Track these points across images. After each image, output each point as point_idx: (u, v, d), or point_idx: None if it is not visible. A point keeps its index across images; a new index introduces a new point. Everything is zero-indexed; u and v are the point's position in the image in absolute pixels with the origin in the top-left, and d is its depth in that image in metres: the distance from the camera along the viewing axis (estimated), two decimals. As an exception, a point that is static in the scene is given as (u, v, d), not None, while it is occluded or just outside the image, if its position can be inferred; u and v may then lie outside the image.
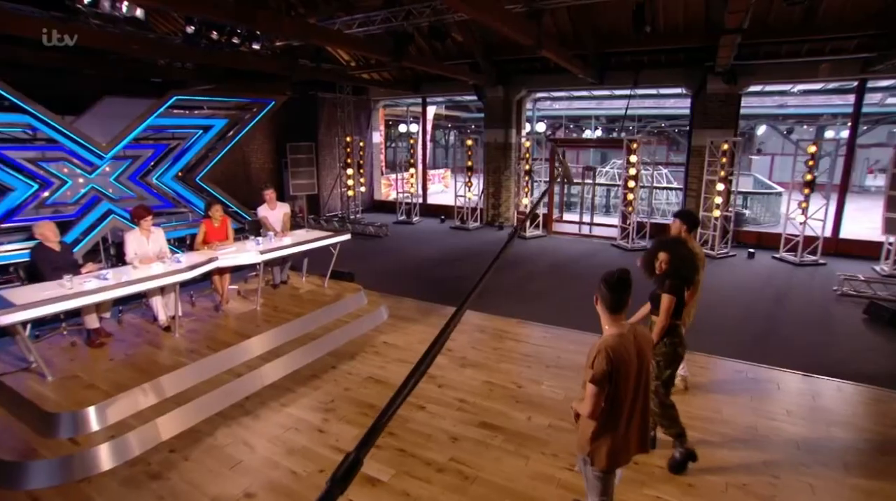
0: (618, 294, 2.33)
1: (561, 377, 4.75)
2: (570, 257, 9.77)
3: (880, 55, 8.20)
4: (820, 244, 9.05)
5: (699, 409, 4.14)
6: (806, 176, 8.92)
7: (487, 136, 12.75)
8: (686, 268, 3.30)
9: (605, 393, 2.24)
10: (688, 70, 10.02)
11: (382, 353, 5.27)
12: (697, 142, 10.29)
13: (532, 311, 6.49)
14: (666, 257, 3.32)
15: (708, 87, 9.72)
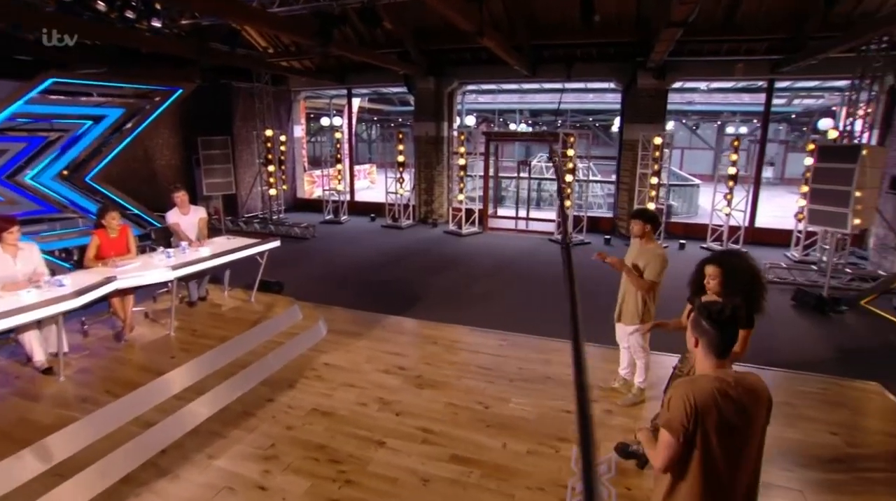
0: (730, 334, 1.85)
1: (528, 392, 4.38)
2: (510, 254, 9.52)
3: (787, 58, 8.67)
4: (742, 233, 9.49)
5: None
6: (729, 169, 9.27)
7: (418, 130, 12.19)
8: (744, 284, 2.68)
9: (681, 447, 1.79)
10: (619, 65, 10.09)
11: (326, 377, 4.60)
12: (629, 136, 10.44)
13: (482, 317, 6.11)
14: (717, 272, 2.76)
15: (638, 82, 9.85)
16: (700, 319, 1.86)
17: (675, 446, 1.78)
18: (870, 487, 3.24)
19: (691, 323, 1.91)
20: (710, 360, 1.85)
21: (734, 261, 2.79)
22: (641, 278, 3.85)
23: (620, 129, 10.95)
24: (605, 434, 3.76)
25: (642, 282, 3.84)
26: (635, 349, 4.07)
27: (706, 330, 1.84)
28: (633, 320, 4.00)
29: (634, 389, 4.20)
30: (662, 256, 3.87)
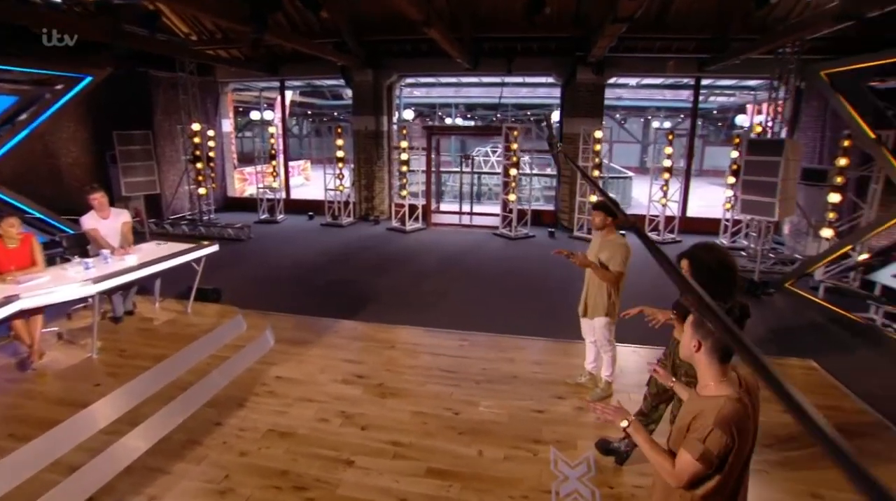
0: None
1: (496, 393, 4.24)
2: (456, 250, 9.40)
3: (713, 57, 9.15)
4: (676, 223, 9.96)
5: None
6: (664, 161, 9.66)
7: (357, 124, 11.74)
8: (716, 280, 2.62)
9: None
10: (559, 59, 10.20)
11: (279, 393, 4.22)
12: (569, 130, 10.60)
13: (437, 316, 5.93)
14: (687, 265, 2.73)
15: (577, 77, 10.01)
16: (704, 320, 1.75)
17: (699, 474, 1.68)
18: (822, 462, 3.37)
19: (693, 325, 1.80)
20: (715, 365, 1.75)
21: (701, 254, 2.78)
22: (608, 271, 3.80)
23: (560, 124, 11.11)
24: (580, 433, 3.71)
25: (609, 275, 3.81)
26: (602, 342, 4.04)
27: (712, 332, 1.72)
28: (600, 313, 3.96)
29: (602, 383, 4.19)
30: (625, 246, 3.86)
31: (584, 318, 4.14)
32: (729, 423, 1.65)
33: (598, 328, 4.02)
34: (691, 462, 1.67)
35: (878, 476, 0.52)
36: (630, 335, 4.48)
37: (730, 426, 1.65)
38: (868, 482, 0.50)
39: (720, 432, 1.64)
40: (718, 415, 1.65)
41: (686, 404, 1.84)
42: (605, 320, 3.96)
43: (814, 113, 8.62)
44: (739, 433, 1.66)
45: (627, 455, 3.31)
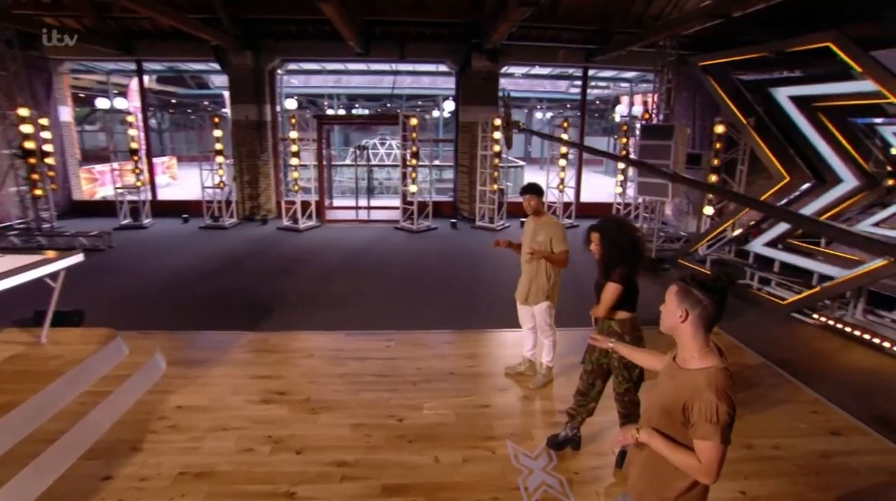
0: (724, 305, 1.74)
1: (436, 393, 4.06)
2: (358, 247, 9.04)
3: (599, 48, 9.83)
4: (574, 208, 10.58)
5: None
6: (561, 148, 10.17)
7: (236, 113, 10.72)
8: (624, 251, 2.93)
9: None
10: (453, 45, 10.21)
11: (183, 425, 3.60)
12: (465, 119, 10.71)
13: (352, 318, 5.60)
14: (597, 238, 2.98)
15: (472, 65, 10.11)
16: (692, 290, 1.74)
17: (726, 451, 1.67)
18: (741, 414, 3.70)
19: (678, 295, 1.78)
20: (701, 334, 1.75)
21: (608, 227, 2.99)
22: (554, 253, 3.82)
23: (456, 112, 11.18)
24: (532, 422, 3.69)
25: (559, 256, 3.83)
26: (543, 327, 4.05)
27: (700, 301, 1.72)
28: (541, 298, 3.95)
29: (543, 368, 4.20)
30: (560, 224, 3.92)
31: (524, 305, 4.11)
32: (727, 393, 1.66)
33: (538, 313, 4.01)
34: (717, 448, 1.64)
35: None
36: (567, 319, 4.56)
37: (729, 395, 1.66)
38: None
39: (724, 405, 1.64)
40: (717, 389, 1.65)
41: (668, 380, 1.82)
42: (546, 304, 3.97)
43: (684, 103, 9.68)
44: (735, 396, 1.68)
45: (579, 438, 3.34)
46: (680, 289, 1.76)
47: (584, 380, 3.21)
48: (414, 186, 10.08)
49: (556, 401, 3.92)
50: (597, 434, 3.46)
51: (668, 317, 1.78)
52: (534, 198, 3.88)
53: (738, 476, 3.10)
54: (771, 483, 3.06)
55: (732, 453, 3.16)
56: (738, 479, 3.08)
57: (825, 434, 3.57)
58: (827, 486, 3.05)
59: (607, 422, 3.49)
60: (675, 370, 1.80)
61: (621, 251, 2.91)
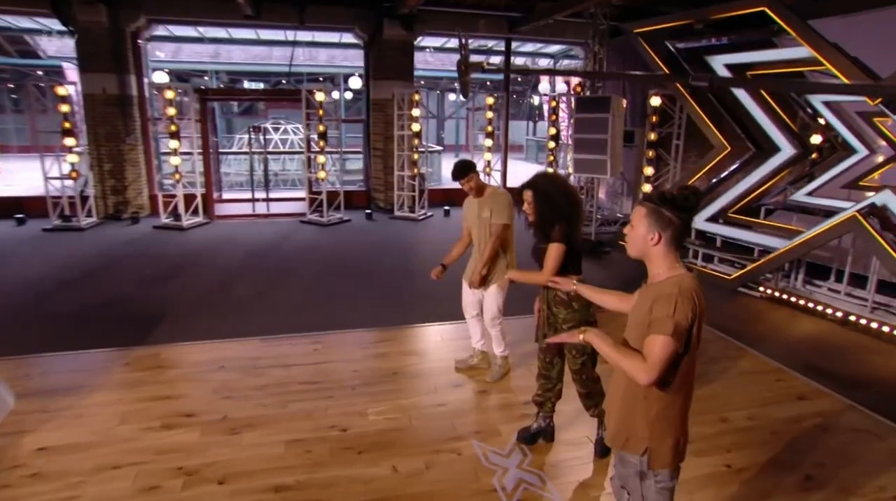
0: (690, 223, 1.85)
1: (382, 396, 3.93)
2: (261, 244, 8.58)
3: (524, 16, 10.12)
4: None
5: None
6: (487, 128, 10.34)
7: (88, 85, 9.62)
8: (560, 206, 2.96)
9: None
10: (361, 11, 9.99)
11: (50, 471, 3.09)
12: (378, 95, 10.55)
13: (267, 322, 5.31)
14: (530, 196, 3.01)
15: (385, 33, 9.96)
16: (662, 211, 1.81)
17: (675, 353, 1.76)
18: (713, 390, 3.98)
19: (649, 218, 1.83)
20: (671, 254, 1.85)
21: (540, 182, 3.04)
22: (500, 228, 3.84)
23: (366, 89, 10.97)
24: (497, 417, 3.68)
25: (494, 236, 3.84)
26: (493, 313, 4.03)
27: (671, 222, 1.81)
28: (494, 281, 3.95)
29: (498, 360, 4.21)
30: (504, 194, 3.94)
31: (472, 290, 4.07)
32: (691, 292, 1.78)
33: (488, 297, 4.00)
34: (665, 342, 1.73)
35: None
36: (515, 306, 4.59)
37: (693, 297, 1.77)
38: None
39: (684, 301, 1.75)
40: (681, 288, 1.76)
41: (640, 300, 1.90)
42: (495, 288, 3.97)
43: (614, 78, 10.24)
44: (700, 308, 1.79)
45: (552, 428, 3.37)
46: (650, 211, 1.83)
47: (541, 360, 3.25)
48: (323, 172, 9.72)
49: (519, 393, 3.95)
50: (569, 423, 3.52)
51: (639, 242, 1.86)
52: (474, 176, 3.87)
53: (720, 451, 3.29)
54: (752, 453, 3.28)
55: (710, 428, 3.48)
56: (721, 453, 3.27)
57: (792, 399, 3.93)
58: (805, 448, 3.34)
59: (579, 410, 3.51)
60: (646, 289, 1.90)
61: (558, 206, 2.95)
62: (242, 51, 17.72)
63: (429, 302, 5.86)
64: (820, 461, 3.22)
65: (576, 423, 3.52)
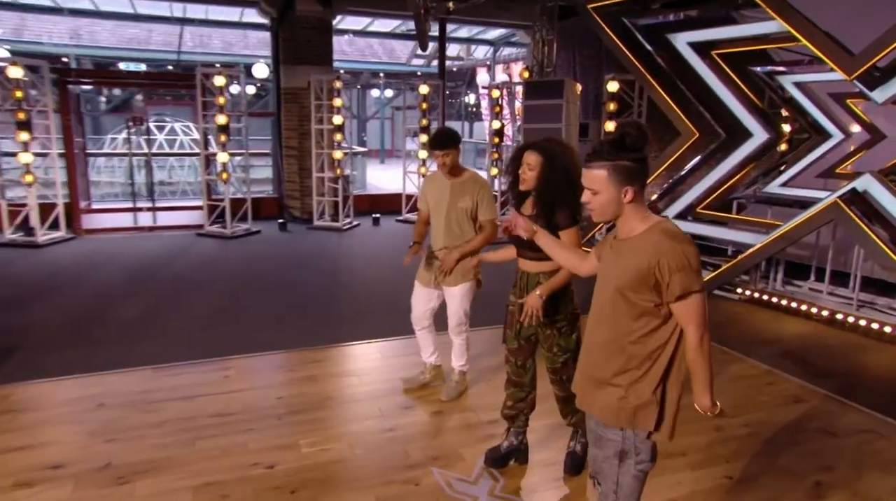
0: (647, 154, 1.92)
1: (316, 424, 3.77)
2: (146, 262, 8.16)
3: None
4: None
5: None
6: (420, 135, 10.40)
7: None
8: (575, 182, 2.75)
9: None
10: (267, -19, 9.86)
11: None
12: (291, 83, 10.40)
13: (157, 349, 4.98)
14: (538, 161, 2.85)
15: (297, 8, 9.85)
16: (625, 165, 1.85)
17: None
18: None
19: (614, 177, 1.86)
20: (641, 201, 1.92)
21: (557, 149, 2.96)
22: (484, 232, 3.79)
23: (276, 77, 10.76)
24: (458, 440, 3.60)
25: (485, 234, 3.78)
26: (459, 318, 3.94)
27: (634, 169, 1.86)
28: (466, 277, 3.85)
29: (455, 375, 4.14)
30: (487, 183, 3.93)
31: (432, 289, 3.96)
32: (684, 236, 1.89)
33: (456, 298, 3.91)
34: (701, 298, 1.86)
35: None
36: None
37: (687, 238, 1.89)
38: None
39: (689, 247, 1.85)
40: (673, 235, 1.87)
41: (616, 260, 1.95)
42: (467, 286, 3.90)
43: (564, 64, 10.59)
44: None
45: (526, 446, 3.31)
46: (613, 169, 1.86)
47: (512, 365, 3.17)
48: (225, 173, 9.37)
49: (481, 411, 3.90)
50: (543, 440, 3.49)
51: (611, 206, 1.90)
52: (450, 151, 3.75)
53: (719, 461, 3.34)
54: (753, 461, 3.35)
55: (703, 438, 3.52)
56: (720, 464, 3.32)
57: (788, 403, 4.09)
58: (809, 453, 3.45)
59: (552, 425, 3.53)
60: (620, 245, 1.96)
61: (572, 183, 2.71)
62: (112, 31, 16.75)
63: (364, 318, 5.82)
64: (827, 465, 3.32)
65: (551, 439, 3.49)
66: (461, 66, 19.94)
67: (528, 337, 3.08)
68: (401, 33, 15.63)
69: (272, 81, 11.24)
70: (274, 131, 11.22)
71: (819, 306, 5.80)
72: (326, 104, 10.01)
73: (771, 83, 6.75)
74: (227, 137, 9.29)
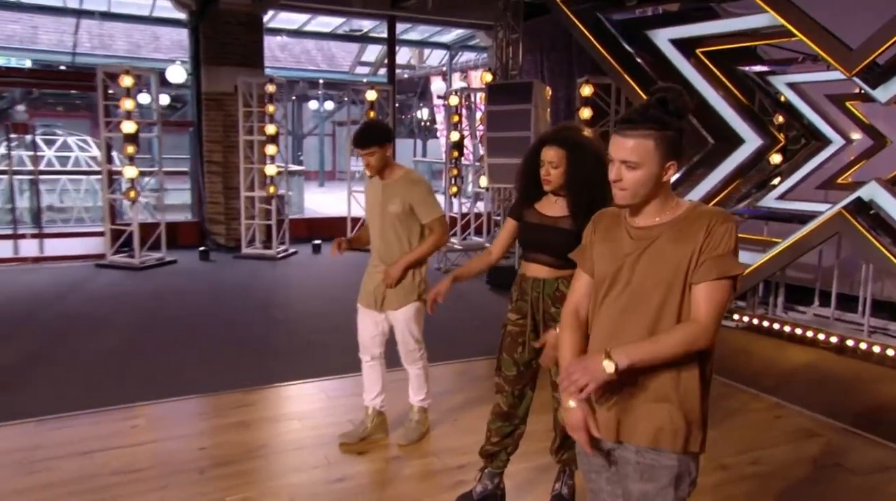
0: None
1: (249, 477, 3.64)
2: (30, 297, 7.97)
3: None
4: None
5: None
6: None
7: None
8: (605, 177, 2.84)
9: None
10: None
11: None
12: (214, 88, 10.33)
13: (44, 398, 4.82)
14: (561, 156, 2.80)
15: (221, 2, 9.85)
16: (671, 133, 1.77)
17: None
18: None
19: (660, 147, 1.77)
20: (670, 188, 1.85)
21: (579, 139, 2.94)
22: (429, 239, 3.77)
23: (196, 80, 10.68)
24: (423, 488, 3.54)
25: (434, 240, 3.77)
26: (410, 344, 3.89)
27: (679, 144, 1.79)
28: (405, 297, 3.81)
29: (415, 414, 4.06)
30: (422, 181, 3.90)
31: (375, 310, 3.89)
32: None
33: (401, 322, 3.86)
34: (731, 285, 1.76)
35: None
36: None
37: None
38: None
39: (733, 224, 1.79)
40: (721, 214, 1.80)
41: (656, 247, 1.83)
42: (414, 308, 3.84)
43: (530, 69, 10.79)
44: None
45: (502, 491, 3.26)
46: (661, 139, 1.76)
47: (507, 394, 3.11)
48: (133, 192, 9.15)
49: (445, 456, 3.85)
50: (523, 485, 3.45)
51: (648, 184, 1.78)
52: (375, 150, 3.70)
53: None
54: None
55: (709, 478, 3.51)
56: (733, 507, 3.29)
57: (800, 438, 4.14)
58: (829, 494, 3.50)
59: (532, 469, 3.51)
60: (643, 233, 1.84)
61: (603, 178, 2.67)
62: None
63: (306, 354, 5.80)
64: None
65: (531, 482, 3.47)
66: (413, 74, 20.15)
67: (528, 363, 3.04)
68: (343, 34, 15.69)
69: (191, 87, 11.14)
70: (193, 145, 11.09)
71: (826, 332, 5.94)
72: (257, 111, 9.97)
73: (763, 85, 6.99)
74: (135, 148, 9.09)
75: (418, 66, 19.37)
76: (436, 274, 9.45)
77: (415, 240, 3.79)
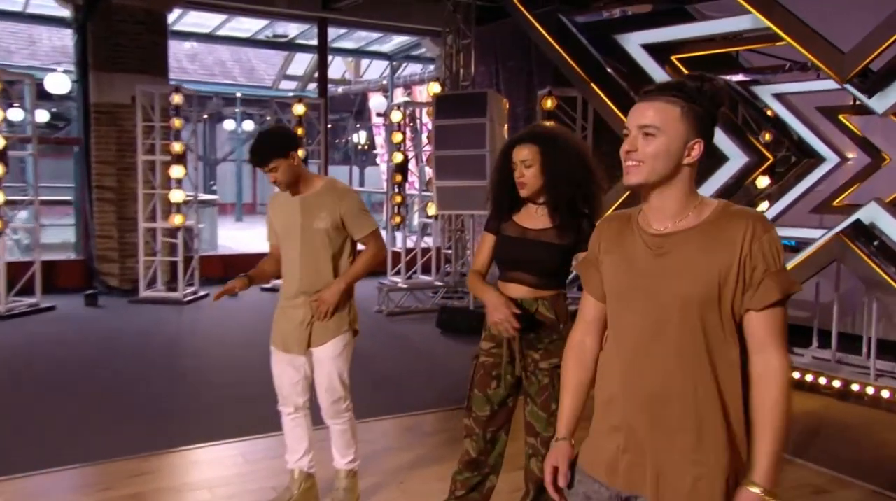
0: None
1: None
2: None
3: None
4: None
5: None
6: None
7: None
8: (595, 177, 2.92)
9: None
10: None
11: None
12: (105, 98, 10.25)
13: None
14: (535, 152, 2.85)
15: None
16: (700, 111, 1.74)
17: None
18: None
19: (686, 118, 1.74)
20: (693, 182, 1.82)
21: (553, 132, 3.04)
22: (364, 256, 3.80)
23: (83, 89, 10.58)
24: None
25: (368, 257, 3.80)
26: (336, 391, 3.81)
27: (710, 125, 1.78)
28: (340, 328, 3.77)
29: (343, 479, 3.97)
30: (350, 191, 3.93)
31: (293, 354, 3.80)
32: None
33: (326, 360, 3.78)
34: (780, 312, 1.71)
35: None
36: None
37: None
38: None
39: (775, 230, 1.76)
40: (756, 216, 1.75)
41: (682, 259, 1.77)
42: (345, 340, 3.80)
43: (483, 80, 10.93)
44: None
45: None
46: (690, 111, 1.74)
47: (477, 438, 3.07)
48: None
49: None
50: None
51: (667, 157, 1.74)
52: (279, 162, 3.61)
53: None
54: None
55: None
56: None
57: (808, 494, 4.20)
58: None
59: None
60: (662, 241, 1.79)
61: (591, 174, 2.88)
62: None
63: (217, 413, 5.72)
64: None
65: None
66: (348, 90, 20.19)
67: (504, 401, 3.01)
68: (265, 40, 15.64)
69: (77, 98, 10.98)
70: (80, 166, 10.87)
71: (828, 376, 6.06)
72: (160, 127, 9.88)
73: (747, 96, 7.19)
74: (4, 169, 8.80)
75: (354, 81, 19.40)
76: (376, 316, 9.41)
77: (344, 262, 3.76)
